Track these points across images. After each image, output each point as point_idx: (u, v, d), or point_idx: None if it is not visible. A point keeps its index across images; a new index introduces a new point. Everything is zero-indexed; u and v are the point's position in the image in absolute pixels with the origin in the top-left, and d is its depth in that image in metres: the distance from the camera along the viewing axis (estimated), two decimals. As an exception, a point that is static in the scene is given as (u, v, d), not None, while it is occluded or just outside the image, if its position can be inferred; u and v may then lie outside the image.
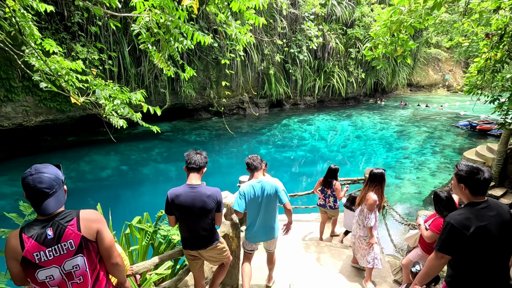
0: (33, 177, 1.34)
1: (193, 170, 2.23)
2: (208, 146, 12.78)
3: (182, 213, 2.23)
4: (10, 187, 8.48)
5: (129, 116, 2.95)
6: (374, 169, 2.91)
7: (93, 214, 1.49)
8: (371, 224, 2.77)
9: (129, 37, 9.63)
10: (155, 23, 2.83)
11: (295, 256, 3.62)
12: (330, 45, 15.66)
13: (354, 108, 19.25)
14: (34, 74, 3.04)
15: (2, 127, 8.77)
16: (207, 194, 2.18)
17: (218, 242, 2.38)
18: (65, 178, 1.53)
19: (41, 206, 1.36)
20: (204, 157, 2.32)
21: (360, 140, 13.95)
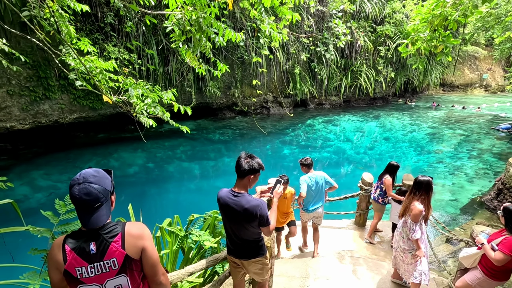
0: (79, 188, 1.27)
1: (237, 175, 2.06)
2: (231, 146, 12.79)
3: (224, 217, 2.14)
4: (45, 181, 8.93)
5: (159, 115, 2.93)
6: (420, 177, 2.66)
7: (138, 230, 1.40)
8: (416, 236, 2.53)
9: (157, 37, 9.83)
10: (187, 21, 2.77)
11: (329, 268, 3.43)
12: (358, 43, 15.12)
13: (382, 109, 18.48)
14: (70, 73, 3.10)
15: (40, 123, 9.27)
16: (244, 207, 2.00)
17: (262, 257, 2.21)
18: (113, 186, 1.46)
19: (85, 219, 1.29)
20: (255, 163, 2.06)
21: (389, 142, 13.34)
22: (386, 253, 3.67)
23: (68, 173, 9.41)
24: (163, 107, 3.27)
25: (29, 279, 1.51)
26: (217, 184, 9.71)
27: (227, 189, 2.11)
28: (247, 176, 2.04)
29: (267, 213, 2.05)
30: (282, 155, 12.18)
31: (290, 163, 11.57)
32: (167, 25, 2.72)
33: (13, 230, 1.72)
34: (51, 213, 1.83)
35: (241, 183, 2.06)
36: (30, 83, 8.51)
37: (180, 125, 3.27)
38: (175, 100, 2.95)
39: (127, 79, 2.92)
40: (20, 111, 8.71)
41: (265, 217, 2.04)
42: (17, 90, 8.39)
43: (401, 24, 16.20)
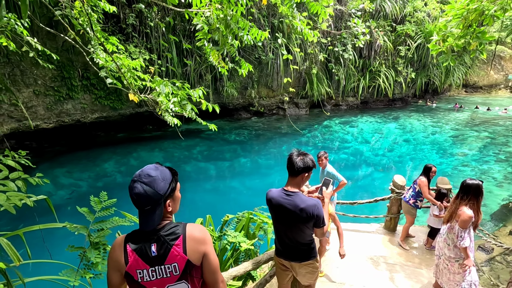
0: (133, 185, 1.22)
1: (290, 173, 1.96)
2: (247, 146, 12.76)
3: (275, 218, 2.03)
4: (67, 179, 9.16)
5: (187, 114, 2.90)
6: (468, 180, 2.48)
7: (200, 233, 1.32)
8: (465, 244, 2.35)
9: (177, 37, 9.94)
10: (216, 18, 2.73)
11: (364, 274, 3.26)
12: (378, 43, 14.77)
13: (402, 110, 17.98)
14: (100, 70, 3.12)
15: (63, 122, 9.54)
16: (300, 206, 1.89)
17: (314, 260, 2.11)
18: (172, 189, 1.34)
19: (141, 219, 1.24)
20: (309, 160, 1.96)
21: (409, 144, 12.93)
22: (421, 260, 3.48)
23: (88, 171, 9.64)
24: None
25: (68, 277, 1.49)
26: (233, 184, 9.70)
27: (276, 189, 2.02)
28: (301, 174, 1.94)
29: (323, 213, 1.96)
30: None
31: (306, 165, 11.42)
32: (197, 22, 2.69)
33: (51, 227, 1.72)
34: (87, 209, 1.82)
35: (294, 182, 1.96)
36: (55, 83, 8.77)
37: (208, 123, 3.23)
38: (203, 98, 2.92)
39: (156, 77, 2.91)
40: (45, 111, 8.99)
41: (321, 217, 1.95)
42: (43, 90, 8.66)
43: (423, 23, 15.72)
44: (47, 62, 4.53)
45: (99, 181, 9.19)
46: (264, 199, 2.11)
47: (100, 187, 8.82)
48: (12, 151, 1.72)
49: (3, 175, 1.57)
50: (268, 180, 10.11)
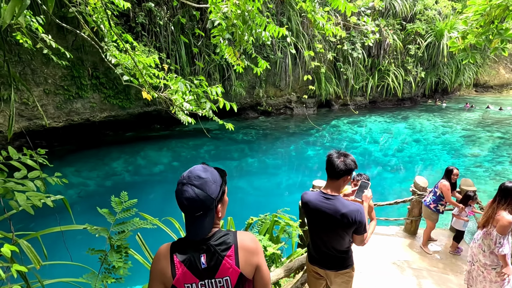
0: (181, 189, 1.12)
1: (330, 176, 1.84)
2: (254, 146, 12.70)
3: (311, 223, 1.92)
4: (76, 178, 9.20)
5: (205, 112, 2.83)
6: (508, 183, 2.34)
7: (252, 242, 1.20)
8: (504, 251, 2.22)
9: (186, 36, 9.91)
10: (234, 14, 2.66)
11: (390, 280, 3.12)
12: (387, 42, 14.56)
13: (411, 110, 17.72)
14: (116, 68, 3.08)
15: (72, 121, 9.58)
16: (341, 211, 1.77)
17: (350, 269, 1.99)
18: (223, 191, 1.24)
19: (187, 226, 1.15)
20: (351, 161, 1.84)
21: (420, 145, 12.73)
22: (445, 265, 3.35)
23: (97, 170, 9.67)
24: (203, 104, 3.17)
25: (89, 281, 1.44)
26: (240, 184, 9.64)
27: (313, 192, 1.92)
28: (343, 177, 1.82)
29: (365, 219, 1.83)
30: (306, 156, 11.94)
31: (314, 164, 11.31)
32: (214, 18, 2.62)
33: (72, 228, 1.67)
34: (107, 210, 1.76)
35: (334, 185, 1.84)
36: (65, 82, 8.81)
37: (224, 122, 3.17)
38: (221, 95, 2.85)
39: (172, 75, 2.85)
40: (54, 109, 9.04)
41: (363, 224, 1.82)
42: (53, 89, 8.70)
43: (433, 21, 15.45)
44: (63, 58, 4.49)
45: (108, 180, 9.22)
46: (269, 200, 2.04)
47: (108, 187, 8.84)
48: (29, 150, 1.67)
49: (21, 174, 1.52)
50: (276, 180, 10.03)
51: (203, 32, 9.45)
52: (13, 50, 7.47)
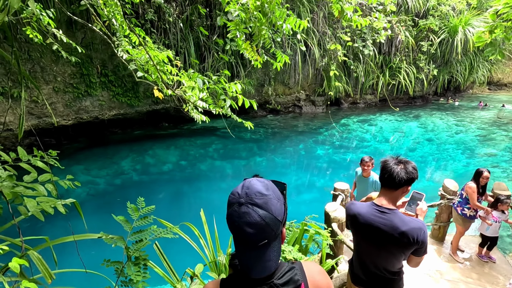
0: (240, 211, 0.85)
1: (387, 186, 1.59)
2: (263, 145, 12.55)
3: (361, 239, 1.66)
4: (85, 176, 9.17)
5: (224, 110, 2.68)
6: None
7: (323, 277, 0.98)
8: None
9: (194, 33, 9.78)
10: (253, 6, 2.49)
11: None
12: (399, 38, 14.21)
13: (422, 108, 17.33)
14: (129, 63, 2.95)
15: (81, 119, 9.55)
16: (400, 229, 1.52)
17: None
18: (286, 210, 0.97)
19: (245, 260, 0.88)
20: (411, 169, 1.59)
21: (432, 144, 12.40)
22: (479, 275, 3.14)
23: (106, 169, 9.63)
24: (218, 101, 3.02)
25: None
26: (249, 183, 9.49)
27: (364, 203, 1.67)
28: (402, 187, 1.58)
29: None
30: (315, 155, 11.74)
31: (324, 164, 11.12)
32: (233, 9, 2.46)
33: (86, 238, 1.53)
34: (124, 218, 1.61)
35: (390, 196, 1.60)
36: (74, 80, 8.76)
37: (243, 121, 3.02)
38: (241, 92, 2.70)
39: (190, 70, 2.70)
40: (64, 107, 9.01)
41: (425, 244, 1.57)
42: (62, 87, 8.66)
43: (447, 17, 15.03)
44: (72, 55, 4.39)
45: (117, 178, 9.17)
46: None
47: (117, 185, 8.79)
48: (40, 151, 1.54)
49: (31, 177, 1.39)
50: (285, 180, 9.74)
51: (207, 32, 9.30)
52: (22, 48, 7.43)
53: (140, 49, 2.84)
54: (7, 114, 7.80)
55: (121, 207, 8.22)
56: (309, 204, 8.29)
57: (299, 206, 8.15)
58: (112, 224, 7.23)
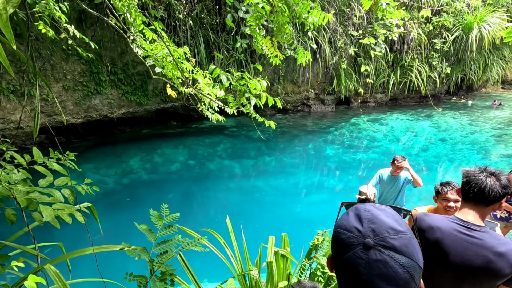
0: (370, 259, 0.59)
1: (476, 200, 1.33)
2: (271, 144, 12.41)
3: (439, 260, 1.33)
4: (94, 175, 9.14)
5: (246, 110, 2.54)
6: None
7: None
8: None
9: (203, 31, 9.66)
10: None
11: None
12: (411, 36, 13.88)
13: (434, 108, 16.96)
14: (146, 59, 2.82)
15: (91, 118, 9.51)
16: (497, 249, 1.24)
17: None
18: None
19: None
20: (505, 181, 1.33)
21: (446, 144, 12.09)
22: None
23: (115, 168, 9.59)
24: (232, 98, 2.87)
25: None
26: (257, 184, 9.36)
27: (440, 216, 1.38)
28: (496, 203, 1.34)
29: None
30: (325, 155, 11.54)
31: (333, 163, 10.92)
32: (256, 1, 2.31)
33: (107, 250, 1.41)
34: (146, 227, 1.47)
35: (480, 212, 1.35)
36: (83, 78, 8.72)
37: (265, 120, 2.88)
38: (265, 89, 2.56)
39: (211, 66, 2.57)
40: (73, 106, 8.98)
41: None
42: (72, 85, 8.63)
43: (461, 14, 14.64)
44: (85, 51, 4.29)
45: (125, 178, 9.12)
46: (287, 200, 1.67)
47: (126, 184, 8.73)
48: (57, 152, 1.42)
49: (47, 181, 1.27)
50: (293, 180, 9.70)
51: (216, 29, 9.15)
52: (33, 45, 7.40)
53: (156, 45, 2.72)
54: (18, 112, 7.79)
55: (130, 207, 8.14)
56: (319, 205, 8.14)
57: (309, 207, 7.99)
58: (122, 225, 7.13)
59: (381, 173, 4.37)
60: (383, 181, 4.30)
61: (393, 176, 4.21)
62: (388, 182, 4.25)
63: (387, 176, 4.28)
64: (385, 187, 4.29)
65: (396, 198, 4.20)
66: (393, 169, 4.20)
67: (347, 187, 9.08)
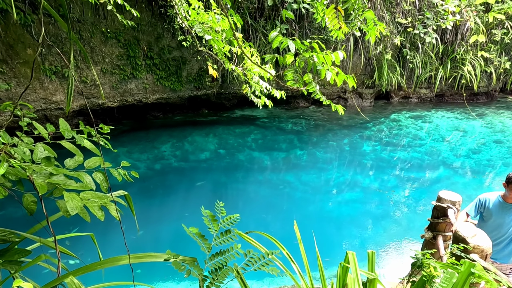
0: None
1: None
2: (304, 137, 11.89)
3: None
4: (127, 159, 9.22)
5: (311, 89, 2.13)
6: None
7: None
8: None
9: (241, 15, 9.27)
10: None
11: None
12: (467, 25, 12.48)
13: (487, 106, 15.33)
14: (192, 28, 2.49)
15: (126, 102, 9.59)
16: None
17: None
18: None
19: None
20: None
21: (502, 147, 10.83)
22: None
23: (147, 153, 9.66)
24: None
25: None
26: (287, 178, 8.96)
27: None
28: None
29: None
30: (361, 152, 10.82)
31: (369, 161, 10.21)
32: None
33: (149, 260, 1.08)
34: (197, 230, 1.10)
35: None
36: (121, 62, 8.75)
37: (332, 104, 2.46)
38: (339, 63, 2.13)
39: (273, 32, 2.17)
40: (110, 89, 9.07)
41: None
42: (109, 68, 8.69)
43: (529, 0, 12.88)
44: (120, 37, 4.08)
45: (157, 163, 9.14)
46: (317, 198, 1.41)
47: (157, 170, 8.74)
48: (88, 126, 1.11)
49: (76, 162, 0.97)
50: (326, 177, 9.18)
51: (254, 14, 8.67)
52: (74, 27, 7.46)
53: (202, 14, 2.37)
54: (58, 94, 7.97)
55: (161, 193, 8.07)
56: (350, 204, 7.67)
57: (340, 206, 7.53)
58: (153, 213, 7.04)
59: (485, 199, 3.26)
60: (489, 210, 3.17)
61: (507, 203, 3.05)
62: (498, 211, 3.11)
63: (496, 203, 3.15)
64: (494, 219, 3.14)
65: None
66: (510, 194, 2.99)
67: (383, 187, 8.43)
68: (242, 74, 2.69)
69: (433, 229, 3.26)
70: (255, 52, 2.81)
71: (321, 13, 2.42)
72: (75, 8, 7.24)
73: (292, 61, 2.16)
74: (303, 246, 1.40)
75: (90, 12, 7.48)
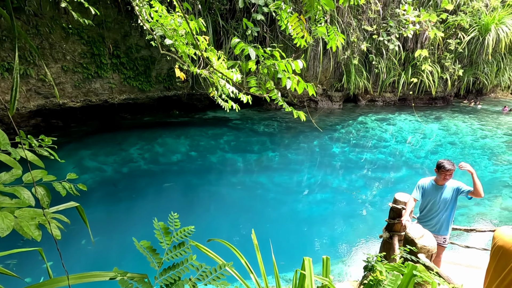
0: None
1: None
2: (276, 139, 12.04)
3: None
4: (92, 162, 8.78)
5: (274, 96, 2.15)
6: None
7: None
8: None
9: (212, 17, 9.19)
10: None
11: None
12: (426, 34, 13.38)
13: (443, 110, 16.54)
14: (156, 30, 2.41)
15: (90, 102, 9.10)
16: None
17: None
18: None
19: None
20: None
21: (456, 148, 11.72)
22: None
23: (114, 155, 9.22)
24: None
25: None
26: (260, 179, 9.02)
27: None
28: None
29: None
30: (331, 153, 11.18)
31: (338, 162, 10.57)
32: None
33: (94, 280, 1.01)
34: (149, 244, 1.04)
35: None
36: (84, 60, 8.28)
37: (294, 110, 2.50)
38: (300, 72, 2.17)
39: (234, 39, 2.16)
40: (72, 88, 8.56)
41: None
42: (71, 66, 8.19)
43: (478, 14, 14.10)
44: (83, 34, 3.87)
45: (124, 166, 8.76)
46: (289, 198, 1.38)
47: (125, 173, 8.37)
48: (30, 136, 1.04)
49: (12, 176, 0.90)
50: (297, 178, 9.37)
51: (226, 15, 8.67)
52: (31, 21, 6.95)
53: (165, 15, 2.31)
54: (13, 92, 7.37)
55: (127, 198, 7.72)
56: (321, 204, 7.87)
57: (311, 206, 7.70)
58: (118, 219, 6.71)
59: (422, 184, 3.71)
60: (426, 192, 3.64)
61: (438, 185, 3.53)
62: (432, 192, 3.58)
63: (429, 186, 3.62)
64: (429, 200, 3.62)
65: (444, 212, 3.54)
66: (441, 177, 3.48)
67: (352, 188, 8.76)
68: (209, 76, 2.67)
69: (390, 229, 3.46)
70: (222, 55, 2.80)
71: (285, 21, 2.47)
72: (32, 1, 6.74)
73: (256, 68, 2.18)
74: (260, 255, 1.41)
75: (49, 6, 7.00)
